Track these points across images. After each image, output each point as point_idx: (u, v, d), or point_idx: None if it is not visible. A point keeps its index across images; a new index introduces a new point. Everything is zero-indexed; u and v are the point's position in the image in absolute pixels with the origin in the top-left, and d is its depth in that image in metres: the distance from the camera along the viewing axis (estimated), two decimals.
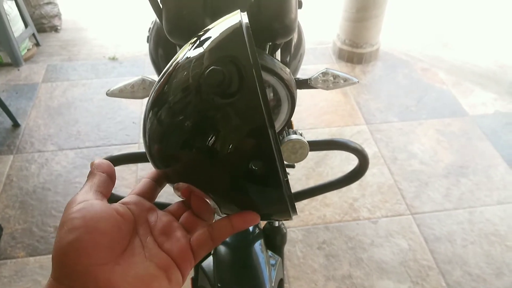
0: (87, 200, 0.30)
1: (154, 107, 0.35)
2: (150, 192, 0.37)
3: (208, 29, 0.36)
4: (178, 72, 0.34)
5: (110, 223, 0.29)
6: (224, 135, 0.31)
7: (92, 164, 0.35)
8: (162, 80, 0.35)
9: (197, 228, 0.35)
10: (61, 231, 0.28)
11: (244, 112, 0.30)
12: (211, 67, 0.30)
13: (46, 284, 0.28)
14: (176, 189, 0.37)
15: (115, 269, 0.28)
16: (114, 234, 0.29)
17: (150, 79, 0.71)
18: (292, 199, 0.33)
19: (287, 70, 0.66)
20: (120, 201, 0.34)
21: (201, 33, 0.36)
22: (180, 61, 0.35)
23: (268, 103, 0.29)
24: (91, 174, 0.34)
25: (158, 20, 0.83)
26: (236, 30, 0.32)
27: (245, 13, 0.36)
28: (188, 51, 0.35)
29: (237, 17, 0.34)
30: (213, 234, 0.34)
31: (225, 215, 0.35)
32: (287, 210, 0.33)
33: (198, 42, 0.35)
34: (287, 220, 0.35)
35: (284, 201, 0.32)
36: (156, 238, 0.33)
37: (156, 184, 0.38)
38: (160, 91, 0.35)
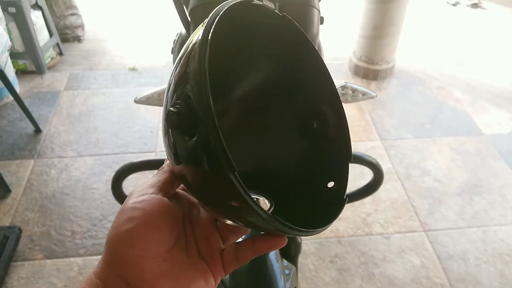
0: (151, 193, 0.32)
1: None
2: None
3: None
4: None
5: (165, 220, 0.31)
6: (197, 175, 0.29)
7: (166, 160, 0.36)
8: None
9: (231, 238, 0.35)
10: (121, 218, 0.30)
11: (204, 156, 0.27)
12: (168, 109, 0.28)
13: (97, 265, 0.30)
14: None
15: (161, 264, 0.30)
16: (167, 231, 0.30)
17: None
18: (287, 225, 0.29)
19: None
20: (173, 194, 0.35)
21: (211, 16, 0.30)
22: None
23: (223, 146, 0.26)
24: (161, 170, 0.35)
25: (184, 31, 0.86)
26: (199, 55, 0.27)
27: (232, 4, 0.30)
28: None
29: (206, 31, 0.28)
30: (237, 254, 0.34)
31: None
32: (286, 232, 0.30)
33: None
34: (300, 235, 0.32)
35: (280, 229, 0.29)
36: (197, 240, 0.34)
37: None
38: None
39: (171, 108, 0.27)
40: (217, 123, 0.25)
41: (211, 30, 0.28)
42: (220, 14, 0.29)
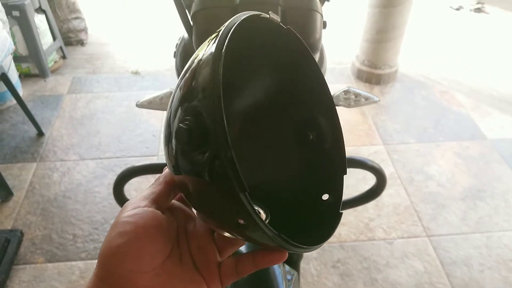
0: (143, 206, 0.31)
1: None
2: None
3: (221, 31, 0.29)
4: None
5: (158, 234, 0.30)
6: (201, 189, 0.29)
7: (165, 168, 0.35)
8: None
9: (227, 250, 0.34)
10: (113, 232, 0.30)
11: (214, 175, 0.26)
12: (178, 125, 0.27)
13: (89, 280, 0.29)
14: None
15: (154, 278, 0.29)
16: (159, 245, 0.30)
17: None
18: (290, 242, 0.29)
19: None
20: (168, 206, 0.34)
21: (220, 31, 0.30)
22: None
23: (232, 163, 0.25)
24: (156, 182, 0.34)
25: (187, 36, 0.86)
26: (212, 75, 0.26)
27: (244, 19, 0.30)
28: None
29: (220, 44, 0.27)
30: (237, 267, 0.33)
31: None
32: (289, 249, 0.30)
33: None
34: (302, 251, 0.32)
35: (286, 246, 0.29)
36: (192, 252, 0.33)
37: None
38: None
39: (181, 125, 0.27)
40: (230, 143, 0.24)
41: (224, 48, 0.27)
42: (232, 29, 0.28)
